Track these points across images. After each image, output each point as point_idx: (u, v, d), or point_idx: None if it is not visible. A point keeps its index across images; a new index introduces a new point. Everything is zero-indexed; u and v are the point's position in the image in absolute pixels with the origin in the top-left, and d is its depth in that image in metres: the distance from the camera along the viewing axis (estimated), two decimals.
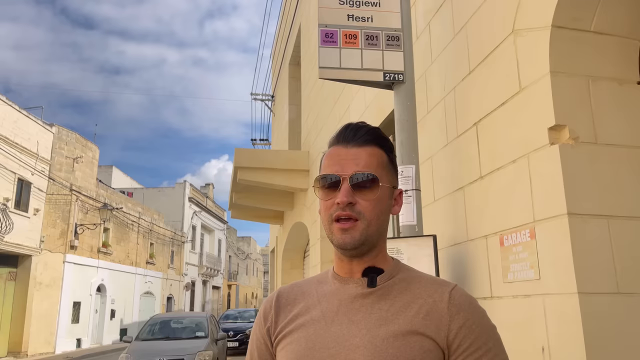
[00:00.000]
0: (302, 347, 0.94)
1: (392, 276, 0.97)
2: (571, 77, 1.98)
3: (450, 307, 0.91)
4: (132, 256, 26.24)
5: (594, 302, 1.79)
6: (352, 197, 0.93)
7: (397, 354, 0.87)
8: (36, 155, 18.42)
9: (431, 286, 0.95)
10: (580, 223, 1.85)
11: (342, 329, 0.93)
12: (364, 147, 0.97)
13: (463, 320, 0.90)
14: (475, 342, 0.89)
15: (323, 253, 6.09)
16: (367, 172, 0.94)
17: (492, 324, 0.94)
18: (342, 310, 0.95)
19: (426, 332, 0.89)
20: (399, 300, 0.94)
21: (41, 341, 18.76)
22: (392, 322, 0.91)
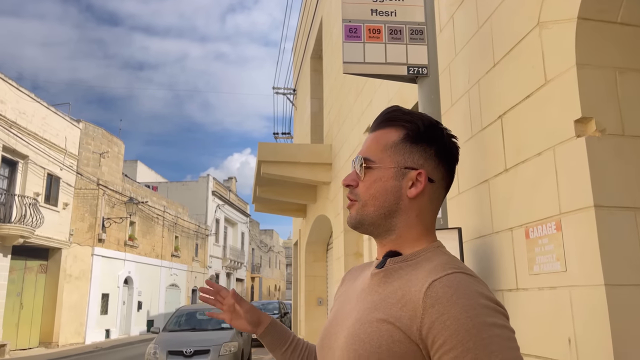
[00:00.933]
0: (328, 321, 1.03)
1: (406, 260, 0.94)
2: (598, 69, 1.97)
3: (425, 299, 0.83)
4: (157, 249, 26.73)
5: (621, 293, 1.79)
6: (354, 181, 0.97)
7: (366, 339, 0.86)
8: (64, 150, 18.88)
9: (424, 273, 0.88)
10: (607, 215, 1.85)
11: (350, 308, 0.97)
12: (376, 131, 1.00)
13: (437, 315, 0.81)
14: (449, 339, 0.79)
15: (347, 245, 6.14)
16: (359, 157, 0.97)
17: (486, 321, 0.80)
18: (357, 290, 1.00)
19: (396, 323, 0.85)
20: (392, 285, 0.91)
21: (71, 332, 19.31)
22: (376, 307, 0.89)
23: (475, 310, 0.80)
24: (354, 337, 0.88)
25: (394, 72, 2.79)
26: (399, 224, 0.96)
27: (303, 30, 10.73)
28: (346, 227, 6.17)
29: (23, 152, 16.59)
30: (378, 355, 0.84)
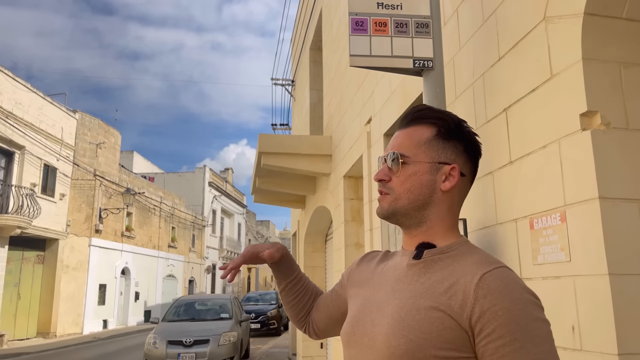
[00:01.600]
0: (357, 307, 1.07)
1: (443, 252, 1.00)
2: (603, 63, 2.01)
3: (477, 290, 0.89)
4: (154, 240, 26.76)
5: (625, 282, 1.85)
6: (386, 175, 1.04)
7: (415, 325, 0.91)
8: (61, 141, 18.82)
9: (471, 265, 0.95)
10: (611, 207, 1.90)
11: (384, 296, 1.02)
12: (407, 128, 1.07)
13: (489, 305, 0.87)
14: (498, 328, 0.85)
15: (347, 236, 6.19)
16: (393, 152, 1.04)
17: (533, 314, 0.87)
18: (390, 279, 1.04)
19: (447, 311, 0.90)
20: (436, 275, 0.97)
21: (69, 322, 19.39)
22: (422, 296, 0.95)
23: (524, 304, 0.87)
24: (402, 324, 0.93)
25: (399, 65, 2.82)
26: (431, 216, 1.03)
27: (302, 21, 10.71)
28: (346, 218, 6.22)
29: (19, 142, 16.54)
30: (429, 340, 0.89)
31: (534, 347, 0.85)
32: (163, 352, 9.43)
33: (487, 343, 0.86)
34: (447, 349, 0.89)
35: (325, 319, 1.29)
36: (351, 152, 5.96)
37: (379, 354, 0.94)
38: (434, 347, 0.89)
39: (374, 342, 0.96)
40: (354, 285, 1.16)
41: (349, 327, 1.06)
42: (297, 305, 1.32)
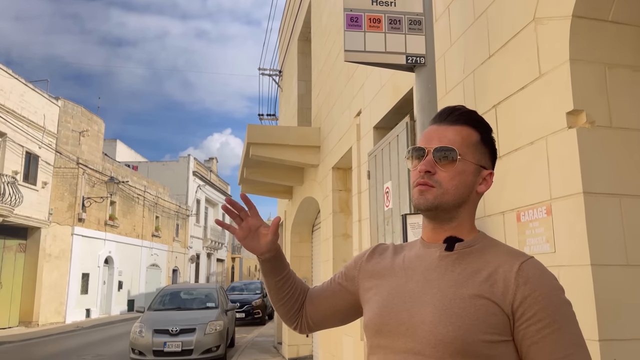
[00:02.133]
0: (384, 298, 1.09)
1: (471, 245, 1.08)
2: (589, 64, 2.11)
3: (518, 278, 0.98)
4: (138, 229, 26.59)
5: (606, 273, 1.95)
6: (432, 167, 1.06)
7: (462, 313, 0.98)
8: (43, 128, 18.54)
9: (504, 255, 1.04)
10: (595, 201, 2.00)
11: (418, 286, 1.05)
12: (454, 125, 1.10)
13: (529, 291, 0.97)
14: (538, 312, 0.95)
15: (335, 227, 6.28)
16: (447, 146, 1.06)
17: (564, 299, 1.00)
18: (420, 270, 1.08)
19: (491, 297, 0.98)
20: (472, 266, 1.04)
21: (51, 311, 19.24)
22: (462, 285, 1.02)
23: (558, 290, 1.01)
24: (448, 312, 0.98)
25: (393, 61, 2.89)
26: (462, 213, 1.10)
27: (290, 12, 10.70)
28: (335, 209, 6.31)
29: (1, 129, 16.26)
30: (476, 326, 0.96)
31: (568, 327, 0.97)
32: (149, 341, 9.46)
33: (528, 326, 0.96)
34: (492, 333, 0.97)
35: (323, 312, 1.28)
36: (340, 144, 6.03)
37: (424, 342, 0.98)
38: (480, 332, 0.96)
39: (415, 331, 1.00)
40: (369, 277, 1.17)
41: (377, 318, 1.07)
42: (289, 300, 1.28)
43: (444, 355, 0.97)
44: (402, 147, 3.72)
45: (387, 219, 3.97)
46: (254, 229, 1.22)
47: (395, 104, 4.15)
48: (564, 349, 0.96)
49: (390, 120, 4.43)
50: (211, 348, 9.67)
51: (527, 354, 0.98)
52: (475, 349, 0.96)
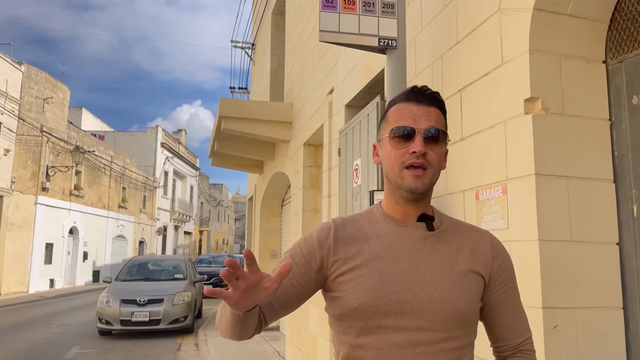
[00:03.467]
0: (376, 280, 1.09)
1: (441, 222, 1.19)
2: (547, 55, 2.26)
3: (492, 251, 1.19)
4: (104, 200, 26.19)
5: (551, 247, 2.15)
6: (425, 148, 1.10)
7: (464, 289, 1.11)
8: (5, 94, 17.92)
9: (473, 232, 1.22)
10: (545, 182, 2.18)
11: (410, 265, 1.11)
12: (433, 106, 1.15)
13: (500, 261, 1.19)
14: (505, 278, 1.20)
15: (305, 202, 6.41)
16: (439, 128, 1.12)
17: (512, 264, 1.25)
18: (406, 249, 1.13)
19: (479, 271, 1.15)
20: (453, 243, 1.16)
21: (14, 281, 18.92)
22: (454, 262, 1.13)
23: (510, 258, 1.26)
24: (453, 289, 1.10)
25: (365, 42, 2.99)
26: (431, 190, 1.18)
27: None
28: (305, 185, 6.44)
29: None
30: (473, 298, 1.13)
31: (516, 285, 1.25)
32: (117, 311, 9.50)
33: (499, 289, 1.19)
34: (479, 301, 1.16)
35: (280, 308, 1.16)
36: (312, 121, 6.12)
37: (433, 318, 1.07)
38: (475, 302, 1.14)
39: (423, 309, 1.08)
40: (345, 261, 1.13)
41: (375, 299, 1.08)
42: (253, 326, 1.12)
43: (451, 327, 1.09)
44: (372, 126, 3.85)
45: (356, 195, 4.12)
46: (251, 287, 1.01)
47: (367, 84, 4.26)
48: (518, 303, 1.24)
49: (361, 99, 4.55)
50: (179, 318, 9.79)
51: (495, 311, 1.19)
52: (472, 318, 1.14)
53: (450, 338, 1.09)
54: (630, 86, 2.27)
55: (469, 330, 1.14)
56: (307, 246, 1.17)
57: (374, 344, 1.09)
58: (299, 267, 1.15)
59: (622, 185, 2.27)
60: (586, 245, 2.21)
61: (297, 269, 1.14)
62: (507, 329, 1.20)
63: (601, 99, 2.33)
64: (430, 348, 1.07)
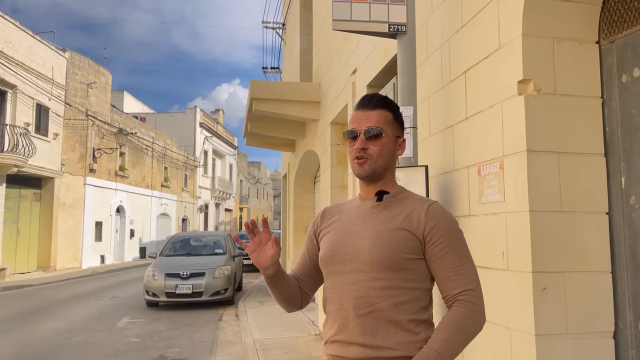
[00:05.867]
0: (334, 238, 1.50)
1: (394, 195, 1.51)
2: (539, 38, 2.42)
3: (427, 215, 1.43)
4: (147, 179, 27.23)
5: (541, 217, 2.34)
6: (365, 144, 1.46)
7: (389, 240, 1.41)
8: (52, 80, 18.80)
9: (418, 201, 1.48)
10: (536, 158, 2.37)
11: (358, 227, 1.48)
12: (375, 110, 1.49)
13: (434, 223, 1.41)
14: (441, 237, 1.40)
15: (333, 179, 6.68)
16: (374, 127, 1.46)
17: (458, 228, 1.45)
18: (359, 216, 1.50)
19: (408, 228, 1.42)
20: (396, 210, 1.46)
21: (68, 257, 20.15)
22: (389, 222, 1.44)
23: (454, 222, 1.46)
24: (380, 240, 1.41)
25: (376, 29, 3.18)
26: (388, 172, 1.53)
27: None
28: (333, 162, 6.69)
29: (11, 81, 16.55)
30: (399, 248, 1.40)
31: (461, 246, 1.43)
32: (162, 284, 10.13)
33: (435, 247, 1.41)
34: (410, 253, 1.40)
35: (312, 280, 1.61)
36: (338, 100, 6.34)
37: (364, 262, 1.39)
38: (402, 252, 1.39)
39: (357, 255, 1.41)
40: (323, 230, 1.56)
41: (329, 252, 1.47)
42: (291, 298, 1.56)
43: (378, 270, 1.39)
44: None
45: None
46: (264, 242, 1.46)
47: (386, 64, 4.44)
48: (458, 260, 1.41)
49: (382, 79, 4.73)
50: (220, 291, 10.35)
51: (434, 266, 1.42)
52: (399, 264, 1.39)
53: (378, 278, 1.39)
54: (620, 65, 2.40)
55: (402, 276, 1.39)
56: (310, 229, 1.64)
57: (330, 284, 1.48)
58: (308, 244, 1.63)
59: (612, 158, 2.43)
60: (576, 215, 2.39)
61: (307, 245, 1.63)
62: (447, 281, 1.41)
63: (593, 78, 2.47)
64: (361, 285, 1.39)
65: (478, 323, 1.39)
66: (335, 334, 1.42)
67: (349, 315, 1.39)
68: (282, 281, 1.52)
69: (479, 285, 1.43)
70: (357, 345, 1.37)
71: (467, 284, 1.40)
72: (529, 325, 2.29)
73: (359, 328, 1.37)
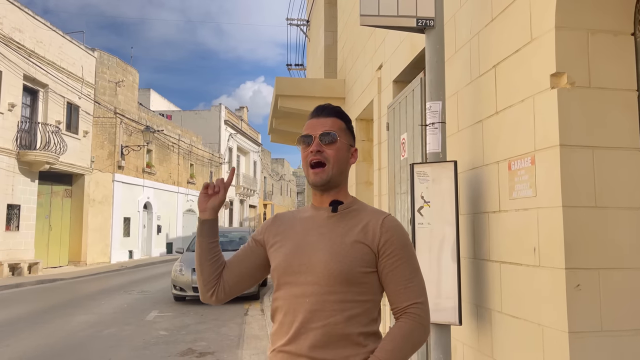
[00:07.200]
0: (289, 249, 1.47)
1: (349, 206, 1.51)
2: (573, 31, 2.37)
3: (381, 228, 1.44)
4: (174, 176, 27.64)
5: (575, 213, 2.30)
6: (321, 147, 1.47)
7: (346, 254, 1.41)
8: (82, 79, 19.22)
9: (372, 213, 1.49)
10: (569, 152, 2.33)
11: (314, 238, 1.46)
12: (329, 117, 1.52)
13: (388, 237, 1.43)
14: (394, 251, 1.43)
15: (358, 175, 6.68)
16: (329, 131, 1.48)
17: (410, 242, 1.49)
18: (314, 227, 1.49)
19: (364, 241, 1.43)
20: (351, 222, 1.47)
21: (98, 252, 20.62)
22: (345, 235, 1.44)
23: (405, 236, 1.49)
24: (337, 254, 1.41)
25: (404, 24, 3.16)
26: (342, 181, 1.53)
27: None
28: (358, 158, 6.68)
29: (43, 81, 16.98)
30: (355, 262, 1.41)
31: (411, 260, 1.46)
32: (189, 279, 10.29)
33: (387, 259, 1.43)
34: (365, 266, 1.41)
35: (237, 274, 1.55)
36: (363, 96, 6.32)
37: (319, 275, 1.39)
38: (358, 265, 1.40)
39: (313, 268, 1.40)
40: (274, 237, 1.53)
41: (284, 262, 1.45)
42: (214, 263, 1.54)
43: (334, 283, 1.39)
44: (416, 101, 4.03)
45: (403, 168, 4.34)
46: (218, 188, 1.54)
47: (412, 60, 4.42)
48: (409, 273, 1.44)
49: (408, 75, 4.71)
50: None
51: (386, 278, 1.44)
52: (354, 278, 1.40)
53: (334, 292, 1.39)
54: None
55: (357, 290, 1.41)
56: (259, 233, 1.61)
57: (282, 295, 1.46)
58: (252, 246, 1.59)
59: None
60: (611, 210, 2.34)
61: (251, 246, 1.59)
62: (397, 294, 1.43)
63: (629, 71, 2.42)
64: (316, 298, 1.39)
65: (424, 335, 1.43)
66: (284, 344, 1.42)
67: (301, 327, 1.40)
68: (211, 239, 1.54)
69: (427, 298, 1.47)
70: (306, 357, 1.38)
71: (416, 297, 1.43)
72: (562, 322, 2.26)
73: (310, 341, 1.38)
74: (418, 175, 3.16)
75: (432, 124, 3.08)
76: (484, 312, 3.00)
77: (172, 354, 6.38)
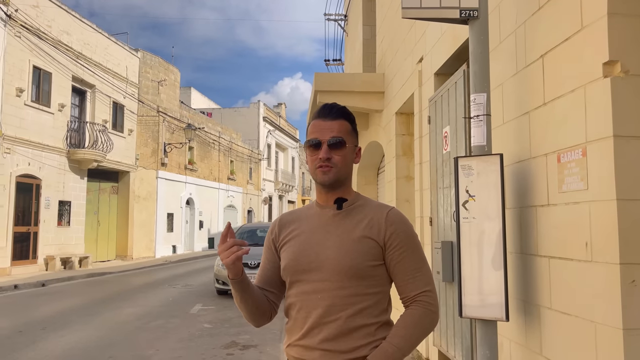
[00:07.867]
0: (297, 247, 1.52)
1: (353, 203, 1.55)
2: (626, 17, 2.28)
3: (386, 221, 1.49)
4: (214, 173, 28.16)
5: (630, 206, 2.22)
6: (329, 154, 1.49)
7: (354, 249, 1.45)
8: (126, 79, 19.82)
9: (376, 208, 1.53)
10: (623, 143, 2.24)
11: (321, 236, 1.51)
12: (336, 120, 1.53)
13: (394, 229, 1.48)
14: (400, 243, 1.48)
15: (398, 169, 6.63)
16: (338, 137, 1.50)
17: (414, 233, 1.53)
18: (321, 225, 1.53)
19: (370, 236, 1.47)
20: (357, 218, 1.51)
21: (143, 247, 21.26)
22: (352, 231, 1.49)
23: (410, 228, 1.54)
24: (345, 250, 1.46)
25: (447, 15, 3.11)
26: (348, 180, 1.58)
27: None
28: (398, 153, 6.63)
29: (90, 81, 17.61)
30: (364, 256, 1.48)
31: (417, 251, 1.51)
32: None
33: (394, 252, 1.48)
34: (373, 260, 1.46)
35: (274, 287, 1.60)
36: (403, 90, 6.26)
37: (330, 272, 1.43)
38: (366, 260, 1.45)
39: (322, 265, 1.45)
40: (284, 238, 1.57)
41: (293, 261, 1.50)
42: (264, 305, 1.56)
43: (344, 279, 1.44)
44: (459, 93, 3.96)
45: (445, 162, 4.28)
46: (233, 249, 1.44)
47: (454, 52, 4.34)
48: (415, 264, 1.50)
49: (450, 67, 4.63)
50: None
51: (394, 270, 1.49)
52: (363, 272, 1.45)
53: (344, 287, 1.44)
54: None
55: (367, 283, 1.46)
56: (267, 237, 1.67)
57: (294, 293, 1.52)
58: (267, 254, 1.64)
59: None
60: None
61: (267, 255, 1.64)
62: (405, 284, 1.48)
63: None
64: (327, 294, 1.45)
65: (434, 321, 1.48)
66: (299, 338, 1.48)
67: (314, 323, 1.45)
68: (252, 289, 1.53)
69: (434, 287, 1.51)
70: (319, 350, 1.43)
71: (424, 286, 1.49)
72: (616, 319, 2.18)
73: (323, 335, 1.43)
74: (462, 168, 3.11)
75: (477, 117, 3.02)
76: (531, 308, 2.94)
77: (217, 346, 6.53)
